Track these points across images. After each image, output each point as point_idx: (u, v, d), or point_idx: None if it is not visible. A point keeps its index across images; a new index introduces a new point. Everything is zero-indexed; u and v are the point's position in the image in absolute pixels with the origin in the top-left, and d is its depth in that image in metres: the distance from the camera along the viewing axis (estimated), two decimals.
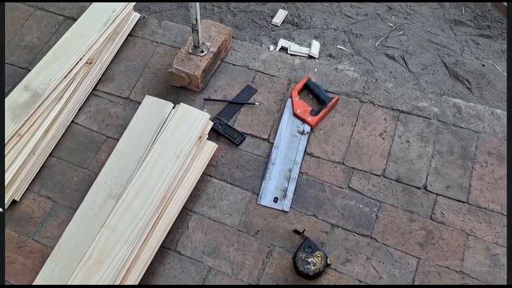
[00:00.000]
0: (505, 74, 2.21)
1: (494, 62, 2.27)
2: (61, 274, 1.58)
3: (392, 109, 1.96)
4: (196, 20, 1.84)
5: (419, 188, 1.77)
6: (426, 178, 1.79)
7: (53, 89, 1.91)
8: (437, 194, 1.76)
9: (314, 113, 1.93)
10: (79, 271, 1.55)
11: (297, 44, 2.33)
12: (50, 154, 1.89)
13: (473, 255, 1.63)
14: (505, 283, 1.58)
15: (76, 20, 2.15)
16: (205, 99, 2.01)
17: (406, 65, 2.27)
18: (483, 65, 2.26)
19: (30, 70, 2.00)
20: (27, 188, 1.81)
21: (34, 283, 1.59)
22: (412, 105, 1.97)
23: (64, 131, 1.94)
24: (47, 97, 1.90)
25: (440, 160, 1.83)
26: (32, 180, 1.83)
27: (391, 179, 1.80)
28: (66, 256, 1.62)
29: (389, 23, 2.43)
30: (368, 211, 1.73)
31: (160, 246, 1.64)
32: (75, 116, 1.98)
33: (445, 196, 1.75)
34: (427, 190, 1.77)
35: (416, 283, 1.59)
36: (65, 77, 1.95)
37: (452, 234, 1.67)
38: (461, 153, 1.84)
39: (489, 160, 1.82)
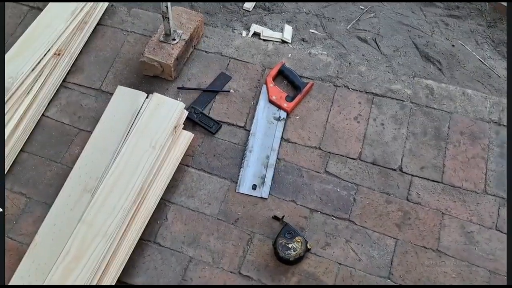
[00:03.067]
0: (475, 54, 2.25)
1: (463, 42, 2.31)
2: (39, 271, 1.56)
3: (366, 92, 1.98)
4: (167, 7, 1.80)
5: (394, 170, 1.80)
6: (401, 159, 1.82)
7: (21, 83, 1.86)
8: (412, 175, 1.79)
9: (289, 99, 1.93)
10: (57, 268, 1.52)
11: (270, 29, 2.31)
12: (21, 150, 1.84)
13: (449, 234, 1.67)
14: (481, 260, 1.63)
15: (42, 10, 2.08)
16: (178, 88, 1.98)
17: (378, 48, 2.28)
18: (453, 46, 2.29)
19: None
20: None
21: (11, 281, 1.56)
22: (385, 88, 1.99)
23: (34, 125, 1.89)
24: (15, 91, 1.84)
25: (414, 141, 1.86)
26: (4, 176, 1.78)
27: (367, 162, 1.82)
28: (43, 253, 1.59)
29: (360, 6, 2.44)
30: (345, 194, 1.75)
31: (140, 239, 1.63)
32: (45, 109, 1.93)
33: (420, 177, 1.78)
34: (403, 172, 1.80)
35: (395, 263, 1.62)
36: (33, 69, 1.89)
37: (428, 214, 1.71)
38: (434, 134, 1.88)
39: (461, 140, 1.86)
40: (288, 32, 2.28)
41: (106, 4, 2.18)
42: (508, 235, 1.64)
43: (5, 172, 1.78)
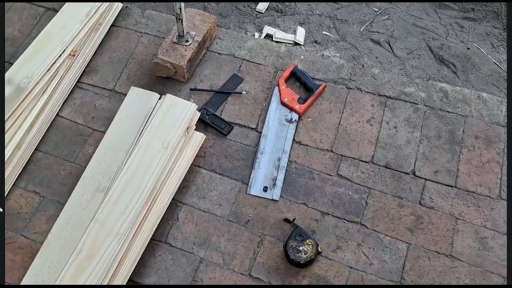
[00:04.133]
0: (490, 57, 2.22)
1: (478, 45, 2.28)
2: (51, 269, 1.57)
3: (379, 95, 1.96)
4: (180, 9, 1.81)
5: (407, 174, 1.79)
6: (415, 163, 1.80)
7: (36, 83, 1.88)
8: (425, 179, 1.77)
9: (301, 101, 1.92)
10: (70, 266, 1.54)
11: (282, 31, 2.31)
12: (35, 149, 1.87)
13: (462, 239, 1.65)
14: (495, 265, 1.60)
15: (58, 11, 2.11)
16: (191, 89, 1.99)
17: (392, 50, 2.26)
18: (468, 48, 2.26)
19: (12, 64, 1.95)
20: (13, 184, 1.79)
21: (24, 279, 1.58)
22: (399, 91, 1.97)
23: (49, 125, 1.91)
24: (30, 91, 1.86)
25: (428, 145, 1.84)
26: (19, 176, 1.81)
27: (379, 165, 1.81)
28: (56, 251, 1.60)
29: (374, 8, 2.42)
30: (357, 197, 1.74)
31: (151, 239, 1.64)
32: (59, 109, 1.95)
33: (434, 181, 1.76)
34: (416, 176, 1.78)
35: (407, 268, 1.61)
36: (48, 70, 1.92)
37: (441, 219, 1.69)
38: (448, 137, 1.86)
39: (476, 144, 1.84)
40: (300, 34, 2.28)
41: (121, 5, 2.20)
42: (508, 235, 1.62)
43: (20, 171, 1.81)
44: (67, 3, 2.11)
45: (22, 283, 1.58)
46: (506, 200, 1.71)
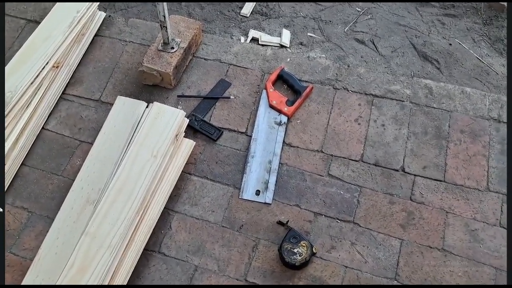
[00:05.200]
0: (472, 52, 2.25)
1: (460, 40, 2.31)
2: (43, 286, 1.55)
3: (366, 94, 1.98)
4: (164, 16, 1.81)
5: (397, 171, 1.80)
6: (403, 160, 1.82)
7: (20, 96, 1.85)
8: (415, 175, 1.79)
9: (289, 103, 1.93)
10: (62, 281, 1.51)
11: (268, 34, 2.31)
12: (22, 163, 1.84)
13: (453, 232, 1.67)
14: (486, 257, 1.62)
15: (39, 23, 2.08)
16: (178, 96, 1.98)
17: (376, 49, 2.28)
18: (450, 44, 2.29)
19: None
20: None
21: None
22: (385, 89, 1.99)
23: (34, 138, 1.89)
24: (14, 105, 1.83)
25: (416, 141, 1.86)
26: (5, 191, 1.78)
27: (369, 163, 1.82)
28: (47, 267, 1.58)
29: (357, 8, 2.44)
30: (349, 197, 1.75)
31: (144, 249, 1.62)
32: (45, 122, 1.93)
33: (423, 176, 1.78)
34: (405, 172, 1.80)
35: (401, 264, 1.62)
36: (32, 83, 1.89)
37: (431, 213, 1.71)
38: (435, 133, 1.88)
39: (462, 138, 1.86)
40: (286, 37, 2.29)
41: (104, 14, 2.18)
42: (508, 233, 1.64)
43: (6, 187, 1.78)
44: (48, 15, 2.08)
45: None
46: (494, 192, 1.73)
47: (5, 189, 1.77)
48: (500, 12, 2.38)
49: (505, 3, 2.35)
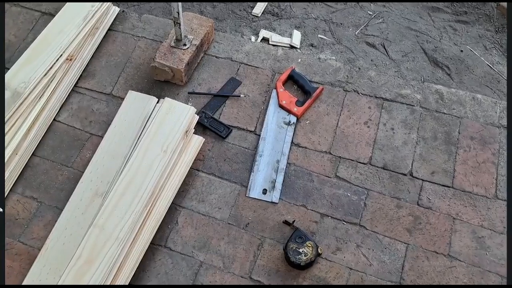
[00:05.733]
0: (483, 59, 2.25)
1: (471, 47, 2.31)
2: (50, 275, 1.56)
3: (376, 97, 1.98)
4: (178, 13, 1.82)
5: (405, 175, 1.80)
6: (412, 164, 1.82)
7: (33, 88, 1.87)
8: (423, 180, 1.79)
9: (299, 103, 1.93)
10: (69, 272, 1.53)
11: (278, 34, 2.32)
12: (33, 154, 1.86)
13: (460, 239, 1.67)
14: (492, 265, 1.62)
15: (54, 16, 2.10)
16: (189, 93, 1.99)
17: (387, 53, 2.28)
18: (461, 51, 2.29)
19: (8, 69, 1.95)
20: (10, 189, 1.78)
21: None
22: (395, 93, 1.99)
23: (46, 129, 1.90)
24: (27, 96, 1.85)
25: (425, 146, 1.86)
26: (16, 181, 1.80)
27: (377, 166, 1.82)
28: (54, 257, 1.59)
29: (369, 11, 2.45)
30: (356, 199, 1.75)
31: (150, 243, 1.63)
32: (57, 114, 1.94)
33: (431, 182, 1.78)
34: (413, 176, 1.80)
35: (406, 268, 1.62)
36: (45, 74, 1.91)
37: (438, 219, 1.71)
38: (444, 138, 1.88)
39: (471, 145, 1.86)
40: (296, 38, 2.29)
41: (118, 9, 2.20)
42: (508, 235, 1.63)
43: (17, 176, 1.80)
44: (63, 8, 2.10)
45: None
46: (502, 199, 1.73)
47: (16, 178, 1.79)
48: None
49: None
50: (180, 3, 1.79)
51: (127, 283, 1.56)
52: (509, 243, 1.61)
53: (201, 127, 1.90)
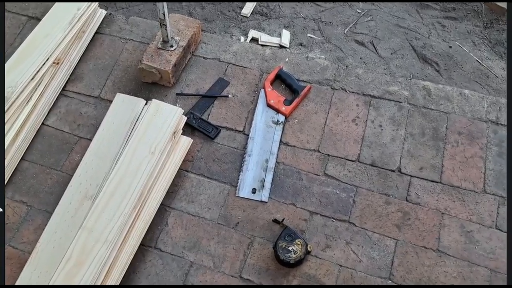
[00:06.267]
0: (472, 55, 2.26)
1: (460, 43, 2.31)
2: (41, 279, 1.56)
3: (364, 94, 1.99)
4: (164, 15, 1.82)
5: (393, 171, 1.81)
6: (400, 160, 1.83)
7: (20, 92, 1.87)
8: (411, 176, 1.79)
9: (287, 102, 1.94)
10: (59, 274, 1.53)
11: (268, 34, 2.33)
12: (21, 158, 1.86)
13: (449, 233, 1.67)
14: (481, 258, 1.63)
15: (40, 20, 2.10)
16: (177, 94, 1.99)
17: (376, 51, 2.29)
18: (450, 47, 2.30)
19: None
20: None
21: None
22: (383, 90, 2.00)
23: (34, 134, 1.90)
24: (14, 100, 1.85)
25: (413, 142, 1.86)
26: (5, 185, 1.79)
27: (366, 163, 1.82)
28: (45, 260, 1.59)
29: (357, 10, 2.45)
30: (345, 196, 1.76)
31: (140, 244, 1.63)
32: (45, 118, 1.95)
33: (419, 177, 1.79)
34: (402, 173, 1.80)
35: (395, 264, 1.62)
36: (32, 78, 1.91)
37: (427, 214, 1.71)
38: (432, 134, 1.88)
39: (459, 140, 1.86)
40: (286, 37, 2.30)
41: (104, 12, 2.20)
42: (508, 235, 1.64)
43: (6, 181, 1.80)
44: (50, 11, 2.10)
45: None
46: (490, 194, 1.74)
47: (5, 183, 1.79)
48: (501, 15, 2.39)
49: (505, 5, 2.35)
50: (165, 4, 1.79)
51: (117, 285, 1.56)
52: (509, 243, 1.61)
53: (189, 128, 1.90)
